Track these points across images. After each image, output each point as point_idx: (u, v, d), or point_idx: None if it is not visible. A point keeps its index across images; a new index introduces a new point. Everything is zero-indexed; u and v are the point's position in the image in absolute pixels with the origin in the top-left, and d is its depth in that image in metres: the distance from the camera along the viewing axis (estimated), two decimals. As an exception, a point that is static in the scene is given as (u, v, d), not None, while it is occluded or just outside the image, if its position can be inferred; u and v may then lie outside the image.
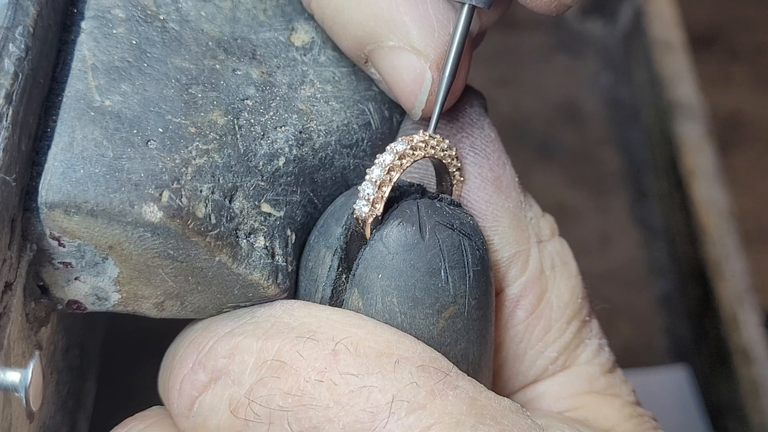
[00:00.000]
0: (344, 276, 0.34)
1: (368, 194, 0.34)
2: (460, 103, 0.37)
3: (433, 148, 0.35)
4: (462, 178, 0.37)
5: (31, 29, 0.32)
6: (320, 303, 0.34)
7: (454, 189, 0.37)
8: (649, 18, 0.79)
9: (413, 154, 0.34)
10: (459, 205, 0.35)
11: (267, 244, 0.33)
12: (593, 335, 0.38)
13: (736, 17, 1.08)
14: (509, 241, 0.37)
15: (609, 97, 0.79)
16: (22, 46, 0.31)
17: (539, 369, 0.37)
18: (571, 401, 0.37)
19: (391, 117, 0.38)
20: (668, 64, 0.76)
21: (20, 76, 0.31)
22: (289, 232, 0.34)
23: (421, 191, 0.36)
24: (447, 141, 0.36)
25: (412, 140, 0.35)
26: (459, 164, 0.36)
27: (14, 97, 0.30)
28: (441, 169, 0.36)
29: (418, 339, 0.33)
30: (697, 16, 0.95)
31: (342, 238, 0.34)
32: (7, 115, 0.30)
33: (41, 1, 0.32)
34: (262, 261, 0.33)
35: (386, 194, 0.34)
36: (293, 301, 0.34)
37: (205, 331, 0.34)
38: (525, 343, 0.37)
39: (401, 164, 0.34)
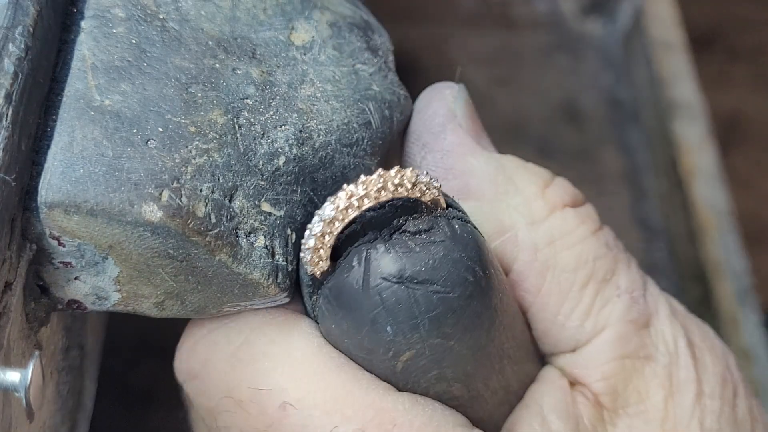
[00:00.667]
0: (314, 298, 0.34)
1: (307, 258, 0.33)
2: (420, 118, 0.39)
3: (394, 190, 0.33)
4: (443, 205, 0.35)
5: (31, 29, 0.31)
6: (312, 321, 0.35)
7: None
8: (649, 18, 0.79)
9: (346, 212, 0.33)
10: (431, 228, 0.33)
11: (267, 244, 0.33)
12: (623, 290, 0.38)
13: (736, 17, 1.08)
14: (489, 234, 0.37)
15: (609, 97, 0.79)
16: (22, 46, 0.31)
17: (571, 340, 0.37)
18: (603, 368, 0.37)
19: (391, 116, 0.38)
20: (668, 64, 0.76)
21: (20, 76, 0.30)
22: (289, 232, 0.34)
23: (388, 219, 0.33)
24: (410, 174, 0.33)
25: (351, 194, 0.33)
26: (435, 192, 0.34)
27: (14, 97, 0.30)
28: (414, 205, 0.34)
29: (379, 376, 0.34)
30: (697, 16, 0.95)
31: (306, 276, 0.34)
32: (7, 114, 0.30)
33: (41, 0, 0.32)
34: (262, 260, 0.33)
35: (327, 253, 0.33)
36: (280, 321, 0.35)
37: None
38: (545, 320, 0.37)
39: (341, 219, 0.33)
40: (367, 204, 0.33)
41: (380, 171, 0.33)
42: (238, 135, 0.34)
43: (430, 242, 0.33)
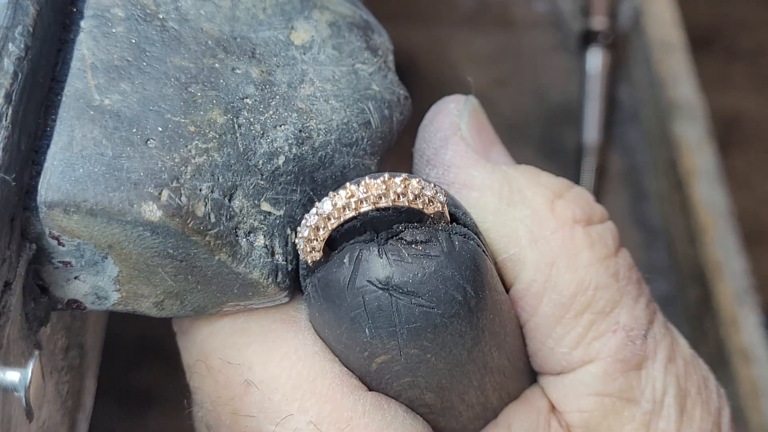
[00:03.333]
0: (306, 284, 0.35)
1: (301, 246, 0.33)
2: (424, 134, 0.38)
3: (394, 199, 0.33)
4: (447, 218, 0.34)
5: (31, 29, 0.31)
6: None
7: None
8: (648, 18, 0.79)
9: (345, 212, 0.33)
10: (428, 240, 0.33)
11: (267, 243, 0.33)
12: (621, 327, 0.36)
13: (736, 17, 1.08)
14: (496, 249, 0.36)
15: (608, 97, 0.79)
16: (22, 46, 0.31)
17: (557, 364, 0.37)
18: (581, 401, 0.36)
19: (391, 116, 0.38)
20: (668, 64, 0.76)
21: (20, 76, 0.30)
22: (289, 231, 0.34)
23: (389, 222, 0.33)
24: (416, 184, 0.33)
25: (352, 194, 0.33)
26: (439, 206, 0.34)
27: (14, 97, 0.30)
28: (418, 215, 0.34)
29: (353, 371, 0.34)
30: (697, 16, 0.95)
31: (301, 264, 0.34)
32: (7, 114, 0.30)
33: (41, 0, 0.32)
34: (261, 260, 0.33)
35: (321, 243, 0.33)
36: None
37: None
38: (535, 340, 0.37)
39: (335, 218, 0.33)
40: (365, 208, 0.33)
41: (386, 176, 0.33)
42: (237, 134, 0.34)
43: (424, 255, 0.32)
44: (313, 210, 0.33)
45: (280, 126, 0.35)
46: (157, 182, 0.31)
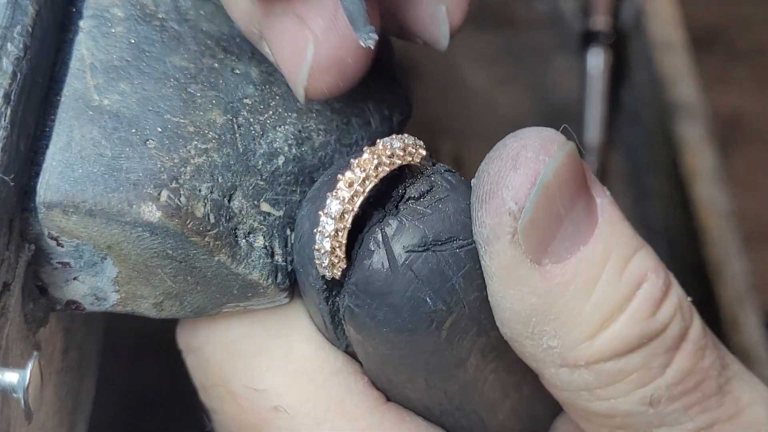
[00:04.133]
0: (337, 298, 0.33)
1: (324, 262, 0.32)
2: (477, 214, 0.31)
3: (389, 164, 0.32)
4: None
5: (30, 29, 0.31)
6: (324, 324, 0.34)
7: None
8: (649, 18, 0.79)
9: (362, 191, 0.32)
10: (432, 187, 0.32)
11: (266, 244, 0.33)
12: None
13: (737, 17, 1.08)
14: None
15: (609, 97, 0.79)
16: (21, 46, 0.31)
17: None
18: None
19: (391, 116, 0.38)
20: (668, 64, 0.76)
21: (19, 76, 0.30)
22: (288, 232, 0.34)
23: (384, 194, 0.32)
24: (397, 142, 0.32)
25: (353, 174, 0.31)
26: (422, 152, 0.33)
27: (13, 97, 0.30)
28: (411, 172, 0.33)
29: (424, 352, 0.32)
30: (698, 16, 0.95)
31: (319, 280, 0.33)
32: (6, 114, 0.30)
33: (40, 0, 0.32)
34: (261, 260, 0.33)
35: (343, 251, 0.32)
36: (281, 318, 0.35)
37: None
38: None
39: (351, 209, 0.32)
40: (370, 185, 0.32)
41: (368, 149, 0.32)
42: (237, 135, 0.34)
43: (437, 200, 0.32)
44: (323, 219, 0.32)
45: (280, 126, 0.35)
46: (156, 183, 0.31)
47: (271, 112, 0.35)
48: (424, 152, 0.33)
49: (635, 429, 0.32)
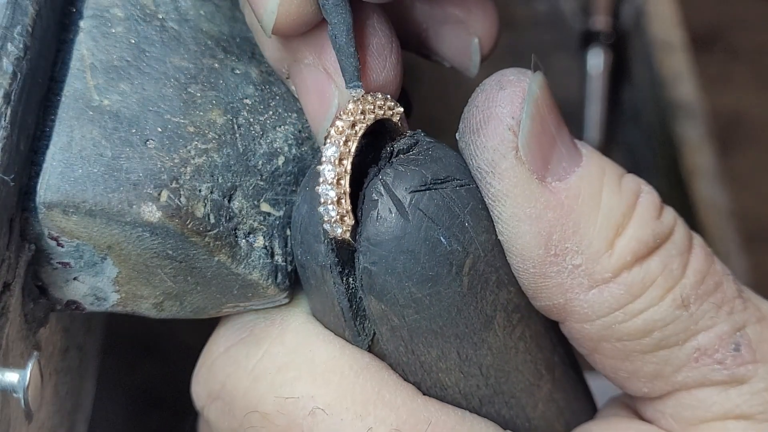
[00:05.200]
0: (350, 279, 0.33)
1: (332, 216, 0.32)
2: (473, 145, 0.32)
3: (373, 111, 0.32)
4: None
5: (30, 29, 0.31)
6: (342, 315, 0.33)
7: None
8: (649, 18, 0.79)
9: (355, 133, 0.32)
10: (416, 141, 0.33)
11: (266, 244, 0.33)
12: (702, 353, 0.32)
13: (737, 17, 1.08)
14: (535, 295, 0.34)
15: (609, 97, 0.79)
16: (21, 46, 0.31)
17: (638, 391, 0.34)
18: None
19: (391, 116, 0.38)
20: (668, 64, 0.76)
21: (19, 76, 0.30)
22: (288, 232, 0.34)
23: (372, 152, 0.33)
24: (379, 97, 0.33)
25: (348, 116, 0.32)
26: (399, 109, 0.33)
27: (13, 97, 0.30)
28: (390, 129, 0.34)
29: (450, 309, 0.32)
30: (698, 16, 0.95)
31: (330, 254, 0.32)
32: (6, 114, 0.30)
33: (40, 0, 0.32)
34: (261, 261, 0.33)
35: (348, 207, 0.32)
36: (298, 329, 0.34)
37: (215, 336, 0.35)
38: (604, 369, 0.35)
39: (348, 164, 0.32)
40: (361, 128, 0.32)
41: (351, 99, 0.32)
42: (237, 135, 0.34)
43: (427, 149, 0.33)
44: (324, 167, 0.31)
45: (280, 126, 0.35)
46: (156, 183, 0.31)
47: (271, 113, 0.35)
48: (401, 110, 0.34)
49: (675, 341, 0.32)
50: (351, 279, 0.33)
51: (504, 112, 0.31)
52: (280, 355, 0.33)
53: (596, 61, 0.80)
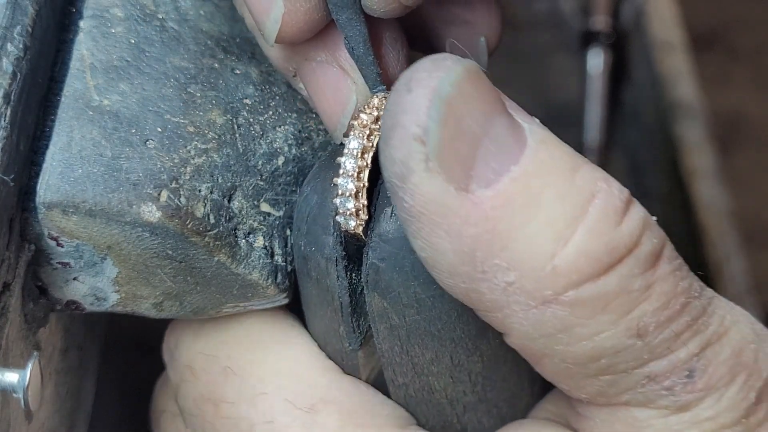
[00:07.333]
0: (353, 274, 0.32)
1: (348, 209, 0.31)
2: (384, 155, 0.28)
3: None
4: None
5: (30, 29, 0.31)
6: (340, 310, 0.33)
7: None
8: (649, 18, 0.79)
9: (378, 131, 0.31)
10: None
11: (266, 244, 0.33)
12: (651, 380, 0.29)
13: (737, 17, 1.08)
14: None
15: (609, 98, 0.79)
16: (21, 46, 0.31)
17: (579, 400, 0.32)
18: None
19: (391, 116, 0.38)
20: (668, 64, 0.76)
21: (18, 76, 0.30)
22: (288, 232, 0.34)
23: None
24: (379, 98, 0.33)
25: (370, 113, 0.32)
26: None
27: (12, 97, 0.30)
28: None
29: (450, 313, 0.31)
30: (698, 16, 0.95)
31: (338, 247, 0.32)
32: (6, 115, 0.30)
33: (40, 0, 0.32)
34: (261, 261, 0.33)
35: (364, 201, 0.31)
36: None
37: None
38: (546, 376, 0.34)
39: (369, 158, 0.31)
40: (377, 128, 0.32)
41: (375, 95, 0.32)
42: (237, 135, 0.34)
43: None
44: (345, 159, 0.31)
45: (280, 126, 0.35)
46: (156, 183, 0.31)
47: (271, 113, 0.35)
48: None
49: (624, 368, 0.28)
50: (354, 274, 0.33)
51: (408, 120, 0.27)
52: (226, 327, 0.35)
53: (596, 61, 0.80)
